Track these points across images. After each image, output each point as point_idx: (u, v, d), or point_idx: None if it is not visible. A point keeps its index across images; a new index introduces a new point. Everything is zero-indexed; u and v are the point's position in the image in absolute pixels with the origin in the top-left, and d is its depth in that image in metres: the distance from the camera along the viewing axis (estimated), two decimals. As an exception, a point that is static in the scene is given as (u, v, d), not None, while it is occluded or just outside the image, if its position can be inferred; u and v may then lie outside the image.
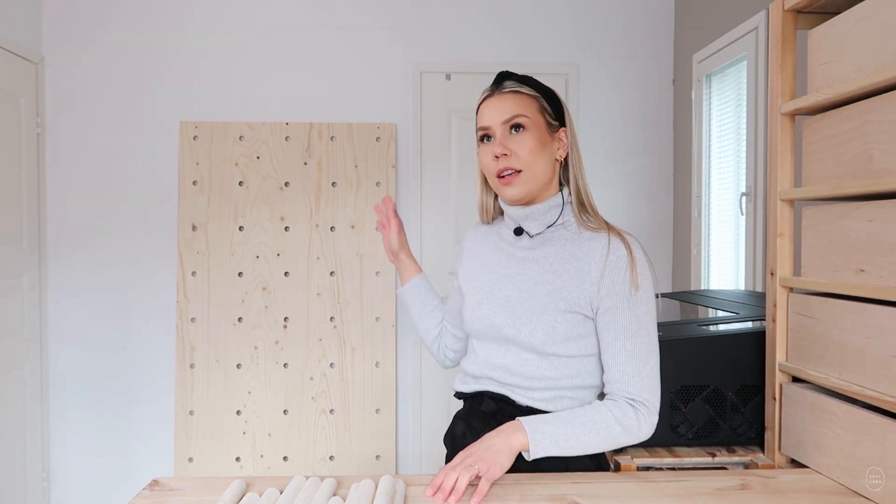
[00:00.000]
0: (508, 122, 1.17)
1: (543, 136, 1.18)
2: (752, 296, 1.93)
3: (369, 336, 3.04)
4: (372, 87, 3.12)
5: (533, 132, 1.17)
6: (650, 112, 3.20)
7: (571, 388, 1.18)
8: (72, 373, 3.05)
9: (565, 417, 1.12)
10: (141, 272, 3.06)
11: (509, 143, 1.17)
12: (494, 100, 1.19)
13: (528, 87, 1.20)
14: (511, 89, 1.19)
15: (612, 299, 1.13)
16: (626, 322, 1.13)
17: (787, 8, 1.30)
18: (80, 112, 3.05)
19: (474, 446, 1.09)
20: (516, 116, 1.16)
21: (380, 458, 3.03)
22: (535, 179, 1.18)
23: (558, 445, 1.09)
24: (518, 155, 1.16)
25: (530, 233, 1.22)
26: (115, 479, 3.06)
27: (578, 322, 1.16)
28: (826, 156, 1.21)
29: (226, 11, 3.08)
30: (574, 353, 1.16)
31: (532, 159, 1.16)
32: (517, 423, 1.10)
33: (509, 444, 1.08)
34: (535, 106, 1.18)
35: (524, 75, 1.22)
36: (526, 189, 1.18)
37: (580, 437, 1.10)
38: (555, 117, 1.21)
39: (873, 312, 1.06)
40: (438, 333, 1.46)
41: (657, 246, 3.21)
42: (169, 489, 1.12)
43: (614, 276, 1.13)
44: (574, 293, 1.15)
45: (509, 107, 1.17)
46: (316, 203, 3.04)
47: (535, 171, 1.17)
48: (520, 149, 1.16)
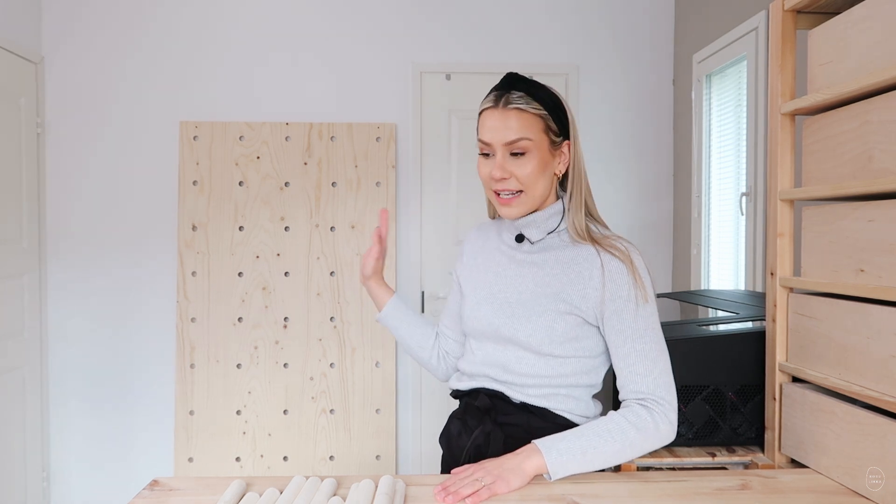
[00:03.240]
0: (510, 144, 1.12)
1: (545, 158, 1.15)
2: (752, 296, 1.93)
3: (369, 336, 3.04)
4: (372, 87, 3.12)
5: (535, 155, 1.13)
6: (650, 112, 3.20)
7: (566, 387, 1.18)
8: (72, 373, 3.05)
9: (578, 431, 1.11)
10: (141, 272, 3.06)
11: (509, 165, 1.13)
12: (498, 114, 1.13)
13: (536, 102, 1.13)
14: (516, 106, 1.12)
15: (616, 303, 1.13)
16: (633, 323, 1.13)
17: (787, 8, 1.30)
18: (80, 112, 3.05)
19: (487, 462, 1.08)
20: (519, 140, 1.12)
21: (380, 458, 3.03)
22: (535, 201, 1.17)
23: (577, 461, 1.08)
24: (518, 178, 1.14)
25: (531, 240, 1.22)
26: (115, 479, 3.06)
27: (577, 324, 1.16)
28: (826, 156, 1.21)
29: (226, 11, 3.08)
30: (571, 353, 1.17)
31: (531, 183, 1.14)
32: (532, 447, 1.09)
33: (522, 467, 1.07)
34: (539, 126, 1.13)
35: (533, 81, 1.16)
36: (525, 209, 1.18)
37: (598, 448, 1.08)
38: (559, 133, 1.17)
39: (873, 312, 1.06)
40: (433, 344, 1.41)
41: (657, 246, 3.21)
42: (169, 489, 1.12)
43: (612, 285, 1.13)
44: (575, 296, 1.15)
45: (513, 128, 1.12)
46: (316, 203, 3.04)
47: (535, 194, 1.16)
48: (520, 172, 1.13)
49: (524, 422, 1.18)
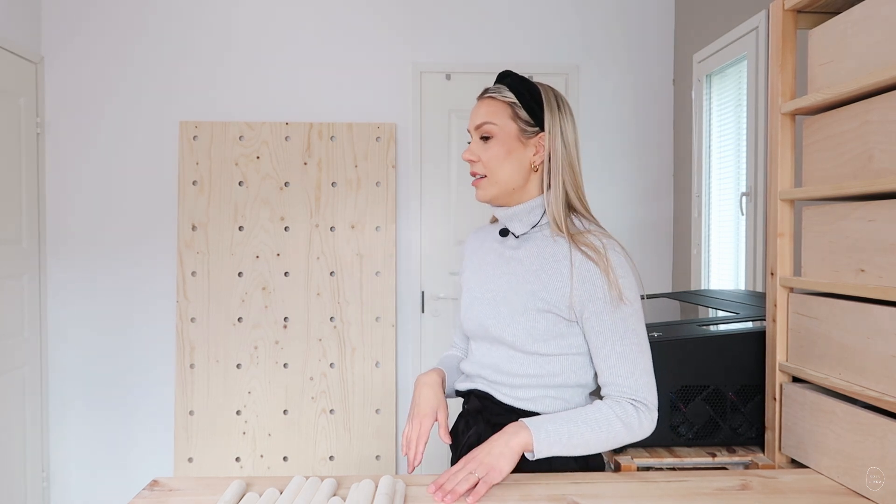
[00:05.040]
0: (478, 129, 1.21)
1: (511, 145, 1.19)
2: (752, 296, 1.92)
3: (369, 336, 3.04)
4: (372, 87, 3.12)
5: (499, 140, 1.19)
6: (650, 112, 3.20)
7: (555, 387, 1.19)
8: (72, 373, 3.05)
9: (568, 416, 1.12)
10: (141, 272, 3.06)
11: (478, 149, 1.21)
12: (478, 103, 1.23)
13: (508, 91, 1.19)
14: (489, 95, 1.21)
15: (594, 304, 1.13)
16: (612, 325, 1.13)
17: (788, 8, 1.30)
18: (80, 112, 3.05)
19: (477, 451, 1.09)
20: (484, 125, 1.19)
21: (380, 458, 3.03)
22: (499, 185, 1.20)
23: (562, 444, 1.09)
24: (483, 162, 1.20)
25: (515, 233, 1.23)
26: (115, 479, 3.06)
27: (557, 322, 1.16)
28: (826, 156, 1.21)
29: (226, 11, 3.08)
30: (556, 351, 1.17)
31: (494, 167, 1.19)
32: (520, 423, 1.10)
33: (510, 446, 1.07)
34: (506, 113, 1.19)
35: (520, 77, 1.21)
36: (490, 194, 1.21)
37: (583, 435, 1.10)
38: (533, 123, 1.19)
39: (873, 312, 1.06)
40: None
41: (657, 246, 3.21)
42: (169, 489, 1.12)
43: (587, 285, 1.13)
44: (551, 295, 1.16)
45: (482, 113, 1.20)
46: (316, 203, 3.04)
47: (498, 179, 1.20)
48: (485, 155, 1.20)
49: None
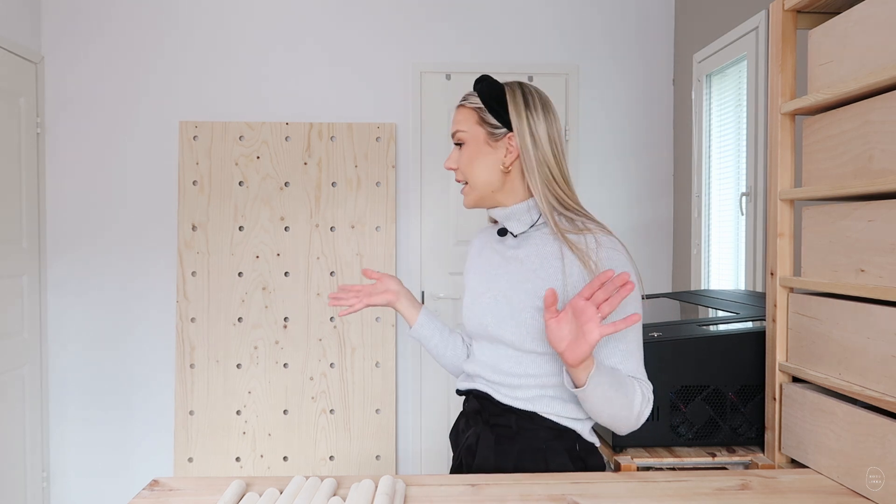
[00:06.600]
0: (454, 137, 1.25)
1: (480, 148, 1.21)
2: (752, 296, 1.93)
3: (369, 336, 3.04)
4: (372, 87, 3.12)
5: (469, 146, 1.22)
6: (650, 112, 3.20)
7: (552, 387, 1.18)
8: (72, 372, 3.05)
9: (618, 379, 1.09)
10: (141, 272, 3.06)
11: (456, 156, 1.25)
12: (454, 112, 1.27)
13: (475, 97, 1.22)
14: (461, 103, 1.24)
15: None
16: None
17: (787, 8, 1.30)
18: (80, 112, 3.05)
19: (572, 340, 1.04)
20: (456, 133, 1.24)
21: (380, 458, 3.03)
22: (477, 190, 1.23)
23: (603, 386, 1.06)
24: (460, 169, 1.24)
25: (514, 232, 1.24)
26: (115, 479, 3.06)
27: None
28: (826, 156, 1.21)
29: (226, 11, 3.08)
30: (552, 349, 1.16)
31: (469, 171, 1.22)
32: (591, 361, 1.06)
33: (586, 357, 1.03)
34: (473, 118, 1.21)
35: (491, 80, 1.22)
36: (472, 199, 1.24)
37: (617, 390, 1.07)
38: (500, 125, 1.19)
39: (873, 312, 1.06)
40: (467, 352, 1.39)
41: (657, 246, 3.21)
42: (169, 489, 1.12)
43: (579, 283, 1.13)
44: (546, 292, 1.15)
45: (455, 122, 1.24)
46: (316, 203, 3.04)
47: (476, 183, 1.22)
48: (461, 163, 1.23)
49: (512, 422, 1.19)
